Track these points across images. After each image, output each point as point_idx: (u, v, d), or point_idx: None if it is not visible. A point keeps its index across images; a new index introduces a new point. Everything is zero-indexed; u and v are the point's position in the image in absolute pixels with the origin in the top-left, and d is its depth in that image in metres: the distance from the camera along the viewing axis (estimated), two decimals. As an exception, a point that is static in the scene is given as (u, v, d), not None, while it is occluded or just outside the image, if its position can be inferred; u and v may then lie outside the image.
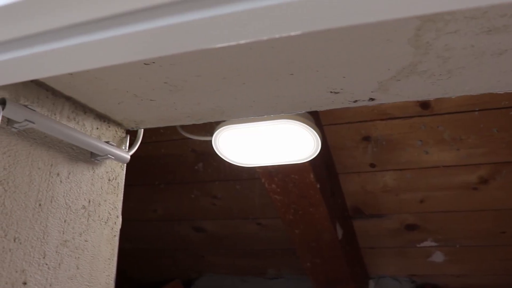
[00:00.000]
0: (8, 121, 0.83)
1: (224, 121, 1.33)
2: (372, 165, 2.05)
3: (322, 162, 1.98)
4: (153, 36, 0.47)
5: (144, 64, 0.84)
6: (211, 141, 1.42)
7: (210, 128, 1.44)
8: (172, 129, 2.05)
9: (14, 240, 0.83)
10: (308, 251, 2.30)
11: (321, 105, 1.00)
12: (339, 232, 2.19)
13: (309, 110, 1.03)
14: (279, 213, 2.10)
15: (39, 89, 0.92)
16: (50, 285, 0.89)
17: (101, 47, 0.49)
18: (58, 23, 0.48)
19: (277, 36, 0.47)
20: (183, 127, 1.63)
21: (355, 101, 0.97)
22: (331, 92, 0.93)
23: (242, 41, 0.48)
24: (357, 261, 2.52)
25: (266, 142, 1.42)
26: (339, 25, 0.44)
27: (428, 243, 2.37)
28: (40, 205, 0.89)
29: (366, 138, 1.96)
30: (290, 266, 2.80)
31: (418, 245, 2.39)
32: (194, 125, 1.13)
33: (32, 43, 0.50)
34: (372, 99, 0.96)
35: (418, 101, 1.76)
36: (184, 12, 0.44)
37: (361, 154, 2.02)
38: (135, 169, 1.16)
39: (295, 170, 1.86)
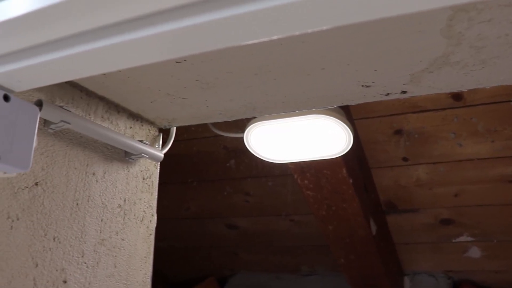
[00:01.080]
0: (45, 122, 0.84)
1: (255, 117, 1.33)
2: (405, 159, 2.03)
3: (355, 157, 1.96)
4: (185, 34, 0.47)
5: (176, 62, 0.84)
6: (242, 138, 1.42)
7: (241, 125, 1.44)
8: (203, 127, 2.06)
9: (54, 239, 0.84)
10: (342, 247, 2.28)
11: (353, 99, 0.99)
12: (373, 228, 2.17)
13: (340, 104, 1.02)
14: (312, 209, 2.09)
15: (74, 90, 0.93)
16: (89, 284, 0.90)
17: (134, 46, 0.49)
18: (92, 25, 0.48)
19: (309, 31, 0.46)
20: (215, 124, 1.63)
21: (387, 94, 0.96)
22: (362, 85, 0.92)
23: (274, 37, 0.48)
24: (392, 257, 2.50)
25: (298, 138, 1.41)
26: (372, 18, 0.43)
27: (464, 238, 2.32)
28: (77, 204, 0.90)
29: (398, 132, 1.94)
30: (324, 262, 2.78)
31: (453, 240, 2.35)
32: (225, 122, 1.13)
33: (66, 45, 0.51)
34: (404, 92, 0.94)
35: (450, 93, 1.73)
36: (216, 9, 0.44)
37: (393, 148, 1.99)
38: (168, 167, 1.17)
39: (327, 165, 1.85)
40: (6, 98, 0.57)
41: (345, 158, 1.80)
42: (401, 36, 0.75)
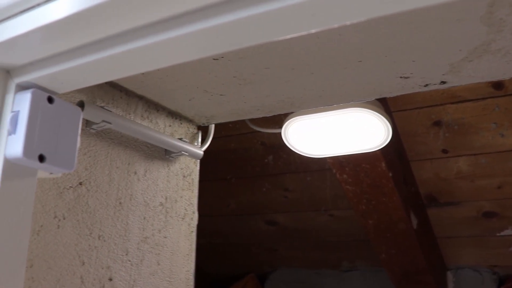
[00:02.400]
0: (87, 123, 0.86)
1: (293, 112, 1.33)
2: (445, 151, 1.98)
3: (393, 150, 1.93)
4: (223, 31, 0.47)
5: (213, 59, 0.84)
6: (280, 133, 1.41)
7: (278, 120, 1.43)
8: (240, 123, 2.06)
9: (99, 238, 0.86)
10: (382, 242, 2.25)
11: (391, 91, 0.98)
12: (414, 222, 2.14)
13: (378, 97, 1.01)
14: (352, 203, 2.07)
15: (113, 90, 0.95)
16: (134, 281, 0.92)
17: (173, 45, 0.50)
18: (131, 25, 0.49)
19: (347, 23, 0.46)
20: (252, 120, 1.63)
21: (426, 85, 0.94)
22: (401, 77, 0.91)
23: (313, 31, 0.47)
24: (434, 251, 2.45)
25: (336, 132, 1.40)
26: (411, 7, 0.42)
27: (509, 232, 2.26)
28: (120, 203, 0.91)
29: (437, 123, 1.90)
30: (365, 257, 2.76)
31: (498, 234, 2.29)
32: (262, 118, 1.13)
33: (107, 45, 0.51)
34: (443, 82, 0.93)
35: (490, 82, 1.69)
36: (254, 5, 0.44)
37: (432, 140, 1.95)
38: (206, 165, 1.17)
39: (366, 159, 1.82)
40: (50, 100, 0.58)
41: (384, 151, 1.77)
42: (439, 26, 0.73)
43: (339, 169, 1.90)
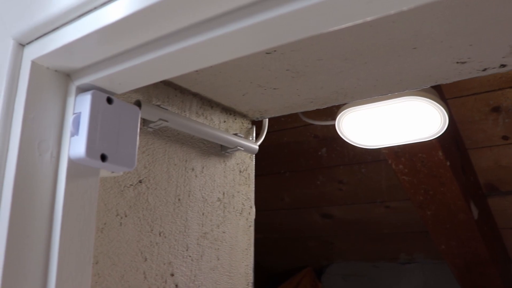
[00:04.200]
0: (144, 122, 0.87)
1: (346, 103, 1.31)
2: (505, 138, 1.92)
3: (450, 138, 1.88)
4: (278, 24, 0.46)
5: (266, 53, 0.84)
6: (333, 125, 1.40)
7: (330, 112, 1.42)
8: (293, 117, 2.06)
9: (160, 234, 0.87)
10: (442, 233, 2.20)
11: (447, 78, 0.95)
12: (474, 212, 2.08)
13: (434, 84, 0.98)
14: (409, 194, 2.04)
15: (168, 89, 0.96)
16: (195, 276, 0.93)
17: (227, 41, 0.50)
18: (185, 23, 0.49)
19: (405, 8, 0.45)
20: (304, 113, 1.63)
21: (484, 70, 0.91)
22: (457, 62, 0.88)
23: (369, 19, 0.46)
24: (497, 242, 2.38)
25: (390, 122, 1.38)
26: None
27: None
28: (179, 199, 0.93)
29: (496, 109, 1.83)
30: (424, 249, 2.70)
31: None
32: (314, 110, 1.12)
33: (162, 44, 0.52)
34: (503, 66, 0.89)
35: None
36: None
37: (491, 127, 1.89)
38: (259, 159, 1.18)
39: (422, 148, 1.79)
40: (109, 100, 0.59)
41: (441, 140, 1.73)
42: (498, 6, 0.70)
43: (394, 160, 1.87)
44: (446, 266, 2.54)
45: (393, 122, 1.38)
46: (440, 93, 1.73)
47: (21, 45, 0.58)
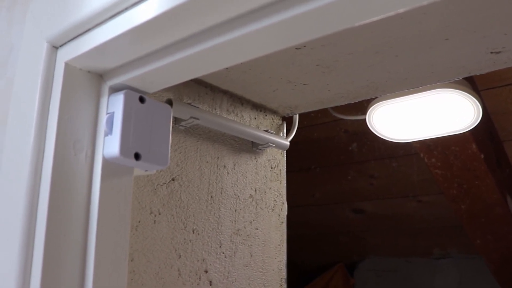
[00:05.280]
0: (175, 120, 0.88)
1: (377, 97, 1.30)
2: (541, 129, 1.88)
3: (484, 130, 1.84)
4: (308, 18, 0.46)
5: (296, 49, 0.84)
6: (363, 120, 1.39)
7: (360, 106, 1.41)
8: (322, 112, 2.05)
9: (193, 231, 0.88)
10: (477, 228, 2.16)
11: (481, 68, 0.93)
12: (511, 205, 2.04)
13: (467, 75, 0.97)
14: (442, 188, 2.01)
15: (199, 87, 0.96)
16: (228, 273, 0.93)
17: (258, 37, 0.49)
18: (215, 21, 0.49)
19: (437, -1, 0.44)
20: (334, 108, 1.62)
21: (520, 59, 0.89)
22: (491, 52, 0.86)
23: (401, 10, 0.46)
24: (535, 237, 2.33)
25: (422, 115, 1.36)
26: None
27: None
28: (211, 197, 0.93)
29: (531, 100, 1.79)
30: (458, 244, 2.66)
31: None
32: (344, 105, 1.12)
33: (193, 43, 0.52)
34: (539, 55, 0.87)
35: None
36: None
37: (527, 118, 1.85)
38: (289, 155, 1.18)
39: (455, 141, 1.76)
40: (141, 99, 0.60)
41: (474, 132, 1.70)
42: (535, -7, 0.69)
43: (427, 153, 1.84)
44: (481, 261, 2.49)
45: (425, 115, 1.36)
46: (473, 84, 1.70)
47: (55, 47, 0.59)
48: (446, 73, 0.96)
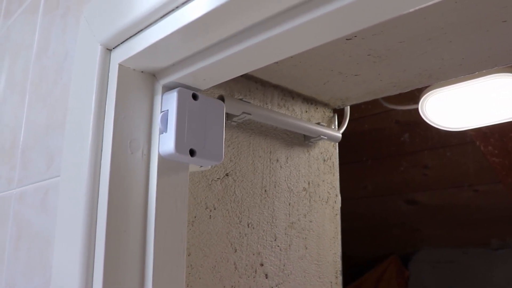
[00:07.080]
0: (228, 116, 0.89)
1: (429, 86, 1.27)
2: None
3: (544, 116, 1.78)
4: (359, 7, 0.46)
5: (346, 39, 0.83)
6: (415, 109, 1.36)
7: (411, 96, 1.38)
8: (373, 103, 2.02)
9: (248, 226, 0.89)
10: (537, 216, 2.10)
11: (542, 51, 0.90)
12: None
13: (527, 58, 0.93)
14: (500, 176, 1.95)
15: (249, 82, 0.97)
16: (284, 266, 0.93)
17: (307, 29, 0.49)
18: (264, 15, 0.49)
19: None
20: (385, 99, 1.59)
21: None
22: (552, 33, 0.83)
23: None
24: None
25: (478, 102, 1.32)
26: None
27: None
28: (265, 191, 0.94)
29: None
30: (517, 234, 2.58)
31: None
32: (393, 96, 1.10)
33: (243, 38, 0.52)
34: None
35: None
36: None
37: None
38: (341, 148, 1.17)
39: (513, 128, 1.71)
40: (194, 97, 0.60)
41: (533, 118, 1.64)
42: None
43: (483, 141, 1.79)
44: (543, 251, 2.41)
45: (481, 101, 1.32)
46: (530, 68, 1.64)
47: (108, 50, 0.60)
48: (503, 57, 0.92)
